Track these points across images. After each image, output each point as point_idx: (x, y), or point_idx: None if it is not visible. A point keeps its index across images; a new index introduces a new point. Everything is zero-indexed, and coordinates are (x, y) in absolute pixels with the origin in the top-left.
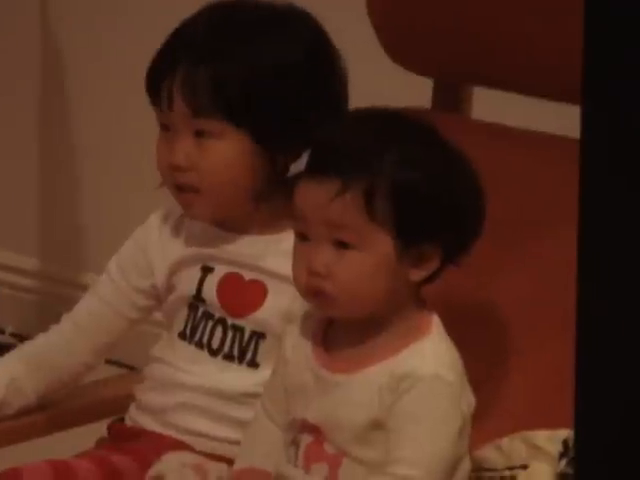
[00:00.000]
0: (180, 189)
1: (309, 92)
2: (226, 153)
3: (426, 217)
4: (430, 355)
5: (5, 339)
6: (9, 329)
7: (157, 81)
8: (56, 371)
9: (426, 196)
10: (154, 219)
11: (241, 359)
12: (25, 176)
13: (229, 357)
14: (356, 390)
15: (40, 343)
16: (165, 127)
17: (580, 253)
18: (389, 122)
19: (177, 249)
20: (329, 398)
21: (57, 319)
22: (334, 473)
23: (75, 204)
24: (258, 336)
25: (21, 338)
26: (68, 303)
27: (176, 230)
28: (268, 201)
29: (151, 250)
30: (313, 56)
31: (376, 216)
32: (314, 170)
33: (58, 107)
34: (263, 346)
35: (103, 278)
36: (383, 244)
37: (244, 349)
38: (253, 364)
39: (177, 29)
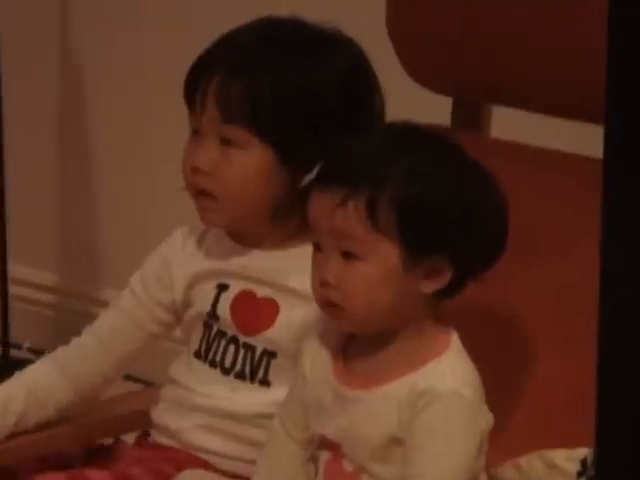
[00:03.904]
0: (199, 193)
1: (339, 118)
2: (248, 164)
3: (431, 229)
4: (449, 372)
5: (22, 354)
6: (26, 344)
7: (194, 83)
8: (75, 383)
9: (431, 209)
10: (179, 234)
11: (252, 378)
12: (44, 192)
13: (241, 376)
14: (375, 406)
15: (60, 356)
16: (195, 132)
17: (603, 269)
18: (402, 134)
19: (196, 263)
20: (348, 414)
21: (74, 334)
22: None
23: (93, 220)
24: (269, 355)
25: (38, 353)
26: (85, 318)
27: (197, 245)
28: (285, 219)
29: (173, 264)
30: (349, 83)
31: (380, 226)
32: (322, 179)
33: (77, 124)
34: (274, 365)
35: (125, 292)
36: (388, 254)
37: (255, 368)
38: (265, 383)
39: (222, 36)
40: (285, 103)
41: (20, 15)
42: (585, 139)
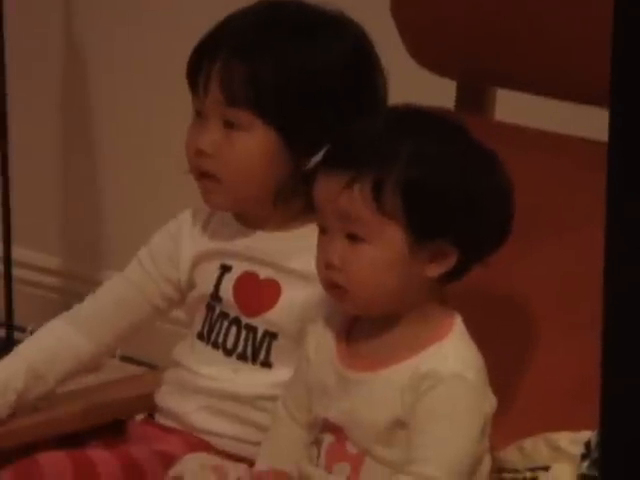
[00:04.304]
0: (202, 175)
1: (342, 99)
2: (251, 146)
3: (437, 213)
4: (451, 355)
5: (26, 337)
6: (30, 327)
7: (197, 66)
8: (75, 350)
9: (436, 192)
10: (187, 214)
11: (254, 359)
12: (48, 176)
13: (243, 357)
14: (378, 389)
15: (60, 323)
16: (198, 114)
17: (607, 253)
18: (407, 117)
19: (201, 243)
20: (351, 397)
21: None
22: (356, 473)
23: (97, 203)
24: (271, 336)
25: None
26: None
27: (204, 226)
28: (288, 201)
29: (181, 242)
30: (351, 65)
31: (385, 209)
32: (328, 162)
33: (81, 108)
34: (276, 346)
35: (133, 265)
36: (394, 237)
37: (257, 349)
38: (266, 364)
39: (225, 19)
40: (287, 85)
41: (24, 10)
42: (590, 122)
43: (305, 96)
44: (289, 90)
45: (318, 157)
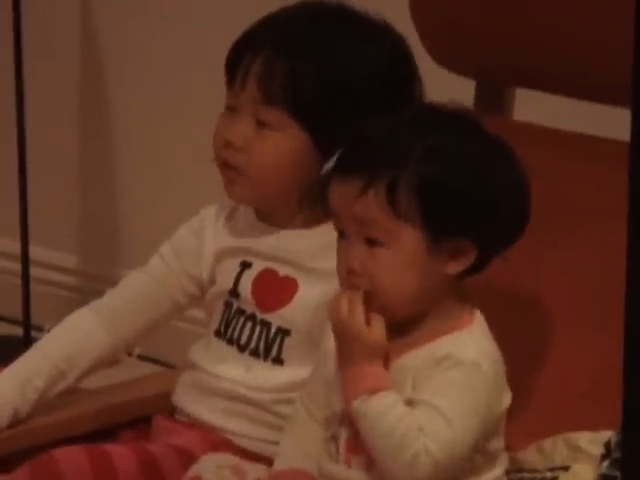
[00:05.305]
0: (227, 166)
1: (379, 106)
2: (281, 145)
3: (454, 211)
4: (471, 344)
5: (43, 336)
6: (47, 326)
7: (237, 59)
8: (96, 347)
9: (452, 189)
10: (211, 210)
11: (266, 355)
12: (65, 175)
13: (255, 353)
14: (393, 378)
15: (81, 318)
16: (230, 109)
17: (630, 251)
18: (420, 115)
19: (223, 240)
20: None
21: None
22: (374, 463)
23: (114, 202)
24: (283, 332)
25: None
26: None
27: (226, 222)
28: (313, 204)
29: (204, 238)
30: (392, 73)
31: (400, 211)
32: (342, 167)
33: (97, 107)
34: (288, 343)
35: (155, 260)
36: (411, 240)
37: (269, 345)
38: (278, 361)
39: (269, 15)
40: (327, 89)
41: (41, 5)
42: (609, 121)
43: (343, 101)
44: (328, 95)
45: (330, 163)
